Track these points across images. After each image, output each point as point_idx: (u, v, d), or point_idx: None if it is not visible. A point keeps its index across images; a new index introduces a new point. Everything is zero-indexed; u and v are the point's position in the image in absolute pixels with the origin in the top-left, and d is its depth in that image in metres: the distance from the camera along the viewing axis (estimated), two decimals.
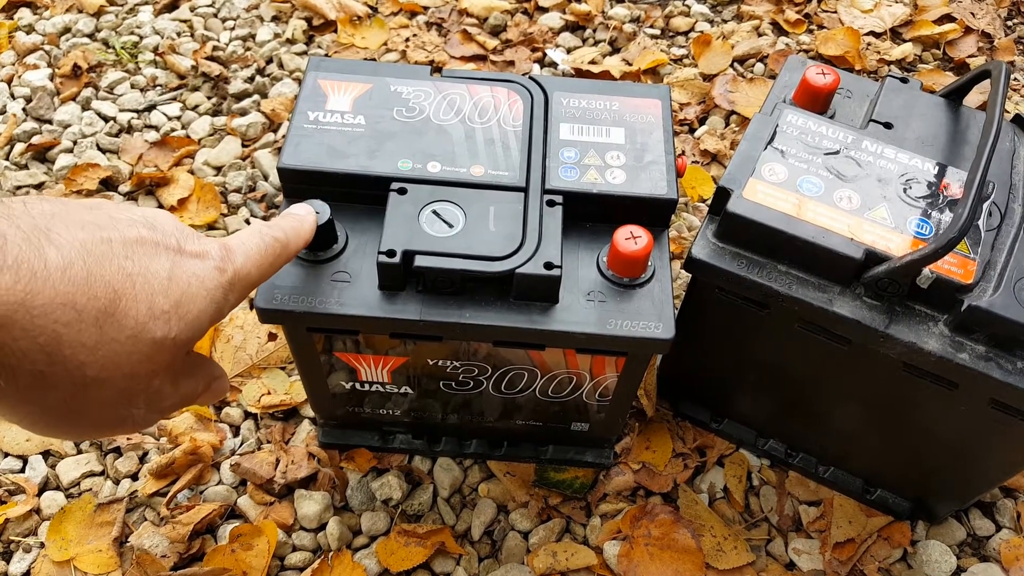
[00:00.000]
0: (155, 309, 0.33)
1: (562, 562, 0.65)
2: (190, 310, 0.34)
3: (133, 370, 0.33)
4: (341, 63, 0.58)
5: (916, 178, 0.54)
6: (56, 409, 0.32)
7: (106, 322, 0.31)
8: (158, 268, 0.33)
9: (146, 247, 0.34)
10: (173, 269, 0.34)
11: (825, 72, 0.58)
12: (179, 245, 0.35)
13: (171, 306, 0.33)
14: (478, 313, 0.49)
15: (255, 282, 0.39)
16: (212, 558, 0.64)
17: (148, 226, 0.35)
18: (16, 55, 1.00)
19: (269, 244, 0.40)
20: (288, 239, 0.42)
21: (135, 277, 0.32)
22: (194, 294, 0.35)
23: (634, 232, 0.50)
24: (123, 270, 0.32)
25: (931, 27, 1.07)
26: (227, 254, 0.37)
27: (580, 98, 0.57)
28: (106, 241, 0.32)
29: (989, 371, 0.48)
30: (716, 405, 0.71)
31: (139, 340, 0.32)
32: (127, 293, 0.32)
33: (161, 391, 0.36)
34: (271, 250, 0.41)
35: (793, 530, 0.68)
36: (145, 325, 0.32)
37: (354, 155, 0.52)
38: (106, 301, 0.31)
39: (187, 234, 0.36)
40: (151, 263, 0.33)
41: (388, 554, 0.64)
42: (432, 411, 0.63)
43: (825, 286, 0.51)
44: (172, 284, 0.34)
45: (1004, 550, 0.67)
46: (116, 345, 0.32)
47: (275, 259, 0.41)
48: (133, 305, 0.32)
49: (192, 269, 0.35)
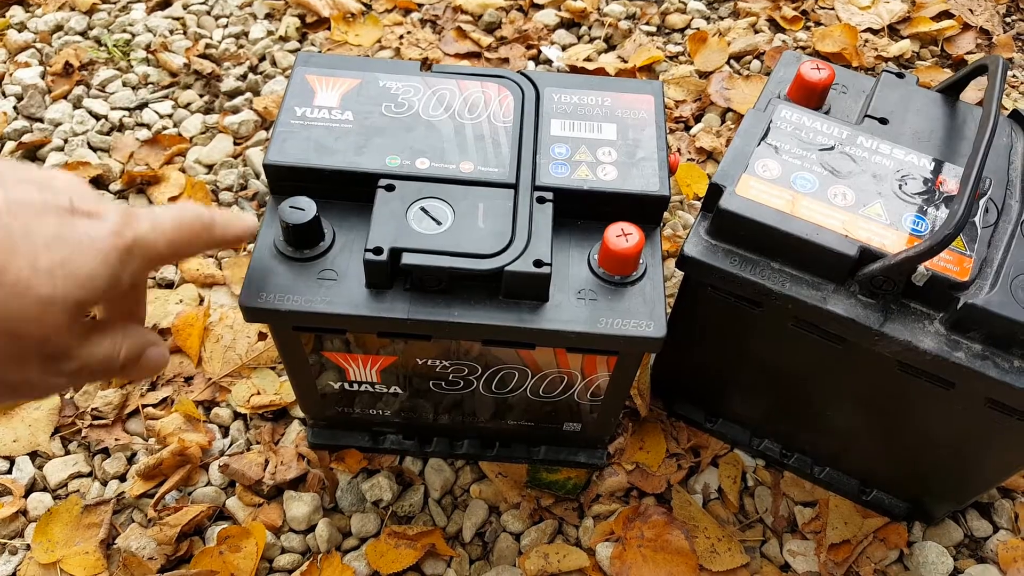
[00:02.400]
0: (38, 265, 0.32)
1: (554, 564, 0.64)
2: (80, 268, 0.33)
3: (17, 330, 0.32)
4: (329, 59, 0.57)
5: (912, 174, 0.53)
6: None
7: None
8: (44, 226, 0.33)
9: (34, 206, 0.33)
10: (61, 228, 0.33)
11: (820, 67, 0.58)
12: (72, 205, 0.34)
13: (56, 263, 0.32)
14: (467, 312, 0.48)
15: (163, 255, 0.38)
16: (200, 560, 0.63)
17: (39, 187, 0.34)
18: (7, 53, 1.00)
19: (187, 220, 0.39)
20: (214, 222, 0.41)
21: (15, 234, 0.32)
22: (83, 251, 0.33)
23: (625, 229, 0.49)
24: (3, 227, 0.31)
25: (929, 24, 1.06)
26: (128, 219, 0.36)
27: (571, 94, 0.56)
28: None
29: (985, 370, 0.47)
30: (710, 405, 0.70)
31: (23, 297, 0.32)
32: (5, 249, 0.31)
33: (60, 354, 0.34)
34: (188, 226, 0.39)
35: (788, 531, 0.68)
36: (27, 281, 0.32)
37: (341, 151, 0.51)
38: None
39: (83, 194, 0.35)
40: (36, 221, 0.33)
41: (378, 556, 0.63)
42: (423, 411, 0.62)
43: (819, 284, 0.51)
44: (58, 241, 0.33)
45: (1002, 551, 0.66)
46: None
47: (192, 237, 0.39)
48: (12, 261, 0.31)
49: (83, 228, 0.34)
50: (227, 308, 0.78)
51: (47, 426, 0.70)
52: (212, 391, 0.73)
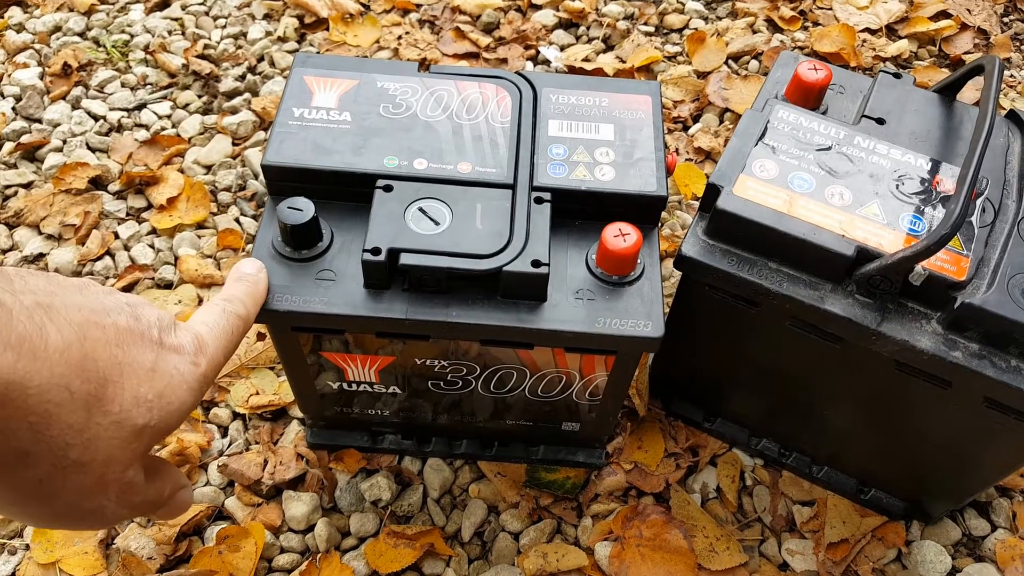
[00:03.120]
0: (139, 398, 0.34)
1: (553, 563, 0.64)
2: (172, 401, 0.36)
3: (111, 455, 0.34)
4: (327, 59, 0.57)
5: (909, 174, 0.53)
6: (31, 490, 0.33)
7: (94, 406, 0.32)
8: (143, 359, 0.35)
9: (133, 337, 0.35)
10: (157, 361, 0.36)
11: (817, 68, 0.58)
12: (160, 338, 0.37)
13: (154, 396, 0.35)
14: (465, 312, 0.48)
15: (222, 364, 0.41)
16: (199, 560, 0.63)
17: (134, 316, 0.36)
18: (6, 53, 1.00)
19: (234, 325, 0.42)
20: (249, 312, 0.44)
21: (123, 366, 0.34)
22: (175, 386, 0.36)
23: (623, 229, 0.49)
24: (113, 357, 0.33)
25: (927, 24, 1.06)
26: (200, 347, 0.39)
27: (569, 94, 0.57)
28: (100, 327, 0.34)
29: (982, 369, 0.48)
30: (709, 404, 0.70)
31: (122, 426, 0.34)
32: (115, 380, 0.33)
33: (133, 484, 0.36)
34: (236, 331, 0.42)
35: (786, 530, 0.68)
36: (129, 412, 0.34)
37: (339, 152, 0.51)
38: (97, 386, 0.32)
39: (166, 326, 0.38)
40: (138, 354, 0.35)
41: (377, 556, 0.64)
42: (421, 411, 0.62)
43: (816, 284, 0.51)
44: (155, 375, 0.35)
45: (1000, 550, 0.66)
46: (100, 429, 0.33)
47: (238, 336, 0.43)
48: (120, 392, 0.33)
49: (173, 362, 0.36)
50: None
51: None
52: (211, 391, 0.73)
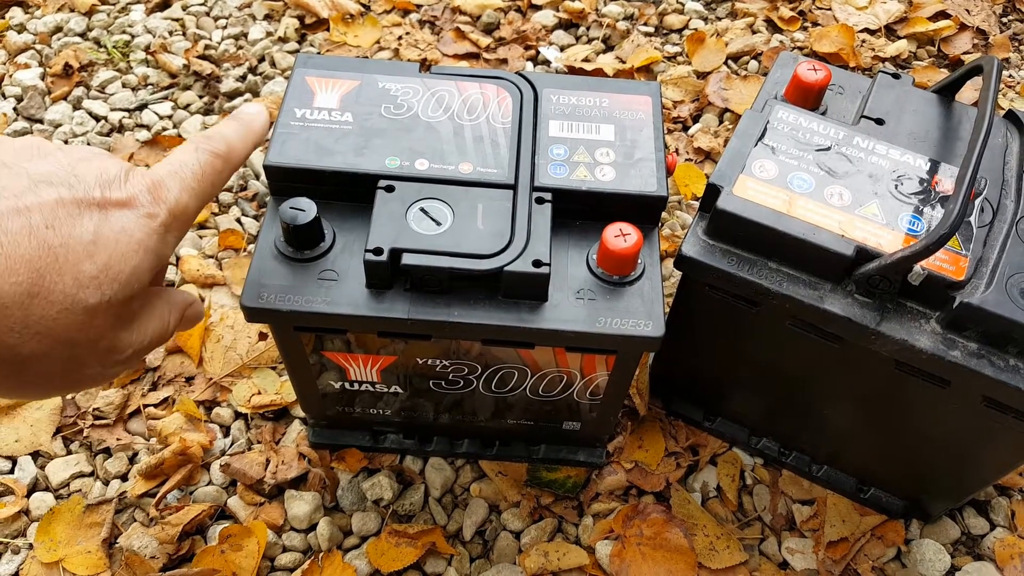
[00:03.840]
0: (82, 277, 0.32)
1: (554, 562, 0.64)
2: (122, 269, 0.33)
3: (71, 339, 0.32)
4: (329, 60, 0.58)
5: (908, 174, 0.53)
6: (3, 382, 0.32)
7: (31, 303, 0.30)
8: (81, 232, 0.32)
9: (67, 208, 0.32)
10: (98, 229, 0.32)
11: (816, 68, 0.58)
12: (103, 196, 0.33)
13: (99, 270, 0.32)
14: (466, 311, 0.49)
15: (196, 211, 0.37)
16: (201, 559, 0.63)
17: (67, 183, 0.33)
18: (7, 54, 1.00)
19: (206, 163, 0.38)
20: (231, 148, 0.39)
21: (57, 249, 0.31)
22: (123, 251, 0.33)
23: (623, 229, 0.49)
24: (44, 243, 0.31)
25: (926, 24, 1.06)
26: (157, 193, 0.35)
27: (570, 95, 0.57)
28: (23, 211, 0.31)
29: (981, 368, 0.48)
30: (709, 404, 0.71)
31: (71, 311, 0.32)
32: (50, 268, 0.31)
33: (114, 346, 0.35)
34: (209, 168, 0.38)
35: (786, 529, 0.68)
36: (75, 296, 0.31)
37: (341, 152, 0.52)
38: (28, 282, 0.30)
39: (111, 178, 0.34)
40: (73, 228, 0.32)
41: (379, 554, 0.64)
42: (423, 410, 0.63)
43: (816, 283, 0.51)
44: (98, 247, 0.32)
45: (999, 549, 0.67)
46: (47, 321, 0.31)
47: (216, 177, 0.38)
48: (58, 279, 0.31)
49: (119, 223, 0.33)
50: (227, 308, 0.78)
51: (49, 426, 0.70)
52: (213, 391, 0.73)
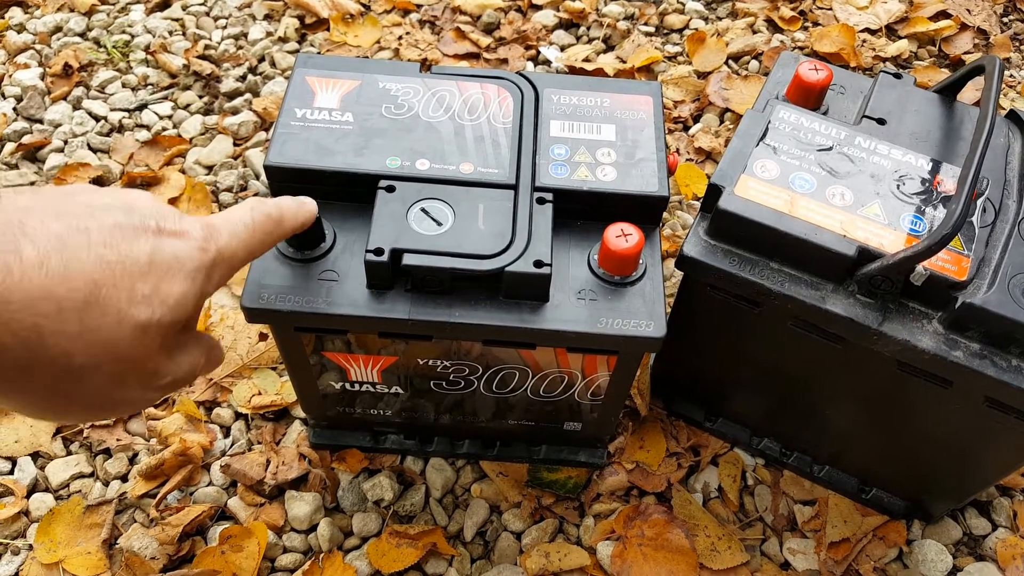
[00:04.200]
0: (135, 294, 0.33)
1: (555, 563, 0.64)
2: (171, 292, 0.34)
3: (120, 355, 0.33)
4: (329, 60, 0.57)
5: (909, 174, 0.53)
6: (46, 395, 0.33)
7: (87, 312, 0.32)
8: (137, 253, 0.33)
9: (124, 232, 0.34)
10: (153, 252, 0.34)
11: (818, 68, 0.58)
12: (158, 226, 0.35)
13: (151, 290, 0.34)
14: (467, 312, 0.49)
15: (242, 260, 0.39)
16: (202, 560, 0.63)
17: (125, 211, 0.34)
18: (7, 54, 1.00)
19: (259, 221, 0.40)
20: (282, 216, 0.42)
21: (114, 265, 0.33)
22: (174, 276, 0.35)
23: (625, 230, 0.49)
24: (101, 259, 0.32)
25: (926, 24, 1.06)
26: (210, 233, 0.37)
27: (571, 95, 0.57)
28: (83, 231, 0.32)
29: (983, 369, 0.48)
30: (710, 404, 0.71)
31: (122, 326, 0.33)
32: (106, 281, 0.32)
33: (156, 371, 0.36)
34: (260, 227, 0.40)
35: (788, 530, 0.68)
36: (127, 311, 0.33)
37: (342, 152, 0.52)
38: (86, 291, 0.31)
39: (166, 214, 0.36)
40: (130, 249, 0.33)
41: (379, 555, 0.64)
42: (424, 411, 0.63)
43: (818, 284, 0.51)
44: (152, 268, 0.34)
45: (1000, 549, 0.67)
46: (100, 333, 0.32)
47: (265, 236, 0.40)
48: (114, 293, 0.32)
49: (172, 250, 0.35)
50: (228, 309, 0.78)
51: (49, 427, 0.70)
52: (213, 391, 0.73)
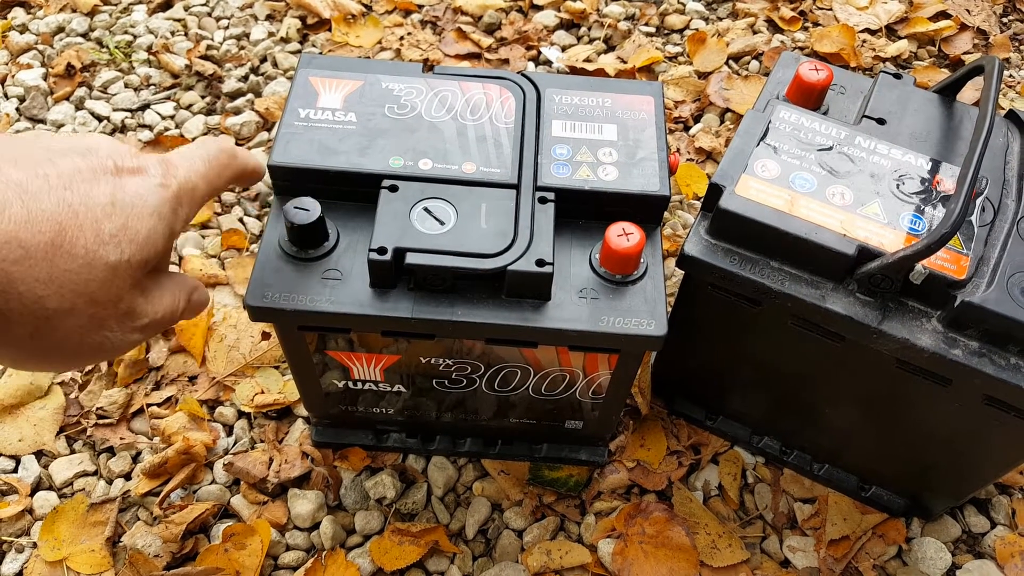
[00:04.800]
0: (102, 234, 0.34)
1: (556, 560, 0.65)
2: (139, 230, 0.35)
3: (94, 296, 0.34)
4: (332, 60, 0.58)
5: (909, 174, 0.54)
6: (27, 343, 0.34)
7: (55, 254, 0.32)
8: (98, 194, 0.34)
9: (83, 175, 0.34)
10: (115, 192, 0.34)
11: (818, 68, 0.58)
12: (116, 166, 0.35)
13: (118, 229, 0.34)
14: (470, 311, 0.49)
15: (204, 194, 0.39)
16: (205, 557, 0.63)
17: (82, 153, 0.35)
18: (9, 54, 1.00)
19: (214, 153, 0.40)
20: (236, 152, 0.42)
21: (76, 207, 0.33)
22: (139, 213, 0.35)
23: (626, 229, 0.49)
24: (63, 201, 0.33)
25: (926, 24, 1.07)
26: (167, 168, 0.37)
27: (572, 95, 0.57)
28: (42, 176, 0.33)
29: (982, 367, 0.48)
30: (710, 403, 0.71)
31: (93, 267, 0.33)
32: (71, 224, 0.33)
33: (132, 311, 0.36)
34: (217, 160, 0.40)
35: (788, 527, 0.68)
36: (96, 252, 0.33)
37: (345, 152, 0.52)
38: (51, 234, 0.32)
39: (123, 152, 0.36)
40: (91, 190, 0.34)
41: (382, 553, 0.64)
42: (426, 409, 0.63)
43: (818, 282, 0.51)
44: (115, 208, 0.34)
45: (999, 547, 0.67)
46: (71, 275, 0.33)
47: (223, 169, 0.41)
48: (79, 234, 0.33)
49: (133, 188, 0.35)
50: (230, 308, 0.78)
51: (52, 425, 0.70)
52: (216, 390, 0.73)
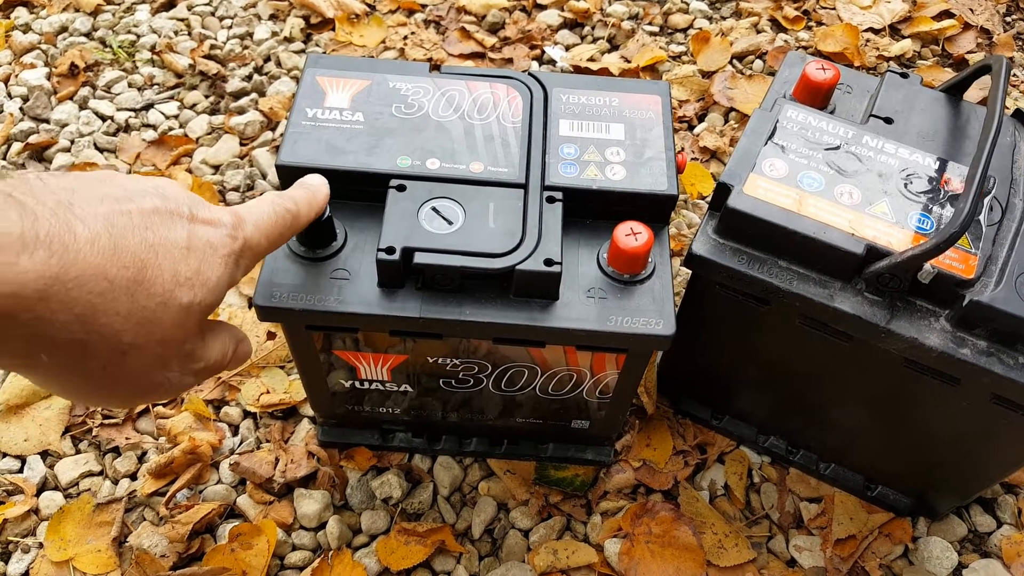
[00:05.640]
0: (179, 276, 0.35)
1: (563, 560, 0.65)
2: (210, 276, 0.36)
3: (165, 335, 0.35)
4: (339, 60, 0.58)
5: (917, 173, 0.54)
6: (97, 376, 0.34)
7: (136, 290, 0.33)
8: (176, 237, 0.35)
9: (162, 217, 0.35)
10: (190, 238, 0.36)
11: (825, 67, 0.58)
12: (192, 213, 0.36)
13: (192, 273, 0.35)
14: (478, 310, 0.49)
15: (264, 251, 0.41)
16: (211, 557, 0.63)
17: (160, 196, 0.36)
18: (13, 54, 1.00)
19: (280, 214, 0.42)
20: (299, 210, 0.43)
21: (156, 247, 0.34)
22: (211, 260, 0.36)
23: (634, 228, 0.49)
24: (145, 240, 0.34)
25: (930, 23, 1.06)
26: (238, 222, 0.39)
27: (580, 94, 0.57)
28: (126, 213, 0.34)
29: (991, 366, 0.48)
30: (717, 402, 0.71)
31: (168, 306, 0.34)
32: (151, 262, 0.34)
33: (192, 354, 0.38)
34: (281, 220, 0.42)
35: (794, 527, 0.68)
36: (172, 292, 0.34)
37: (353, 152, 0.52)
38: (134, 271, 0.33)
39: (197, 202, 0.37)
40: (169, 232, 0.35)
41: (388, 553, 0.64)
42: (432, 409, 0.63)
43: (826, 282, 0.51)
44: (191, 252, 0.35)
45: (1005, 546, 0.67)
46: (147, 312, 0.34)
47: (285, 229, 0.42)
48: (159, 274, 0.34)
49: (206, 236, 0.36)
50: (236, 308, 0.78)
51: (58, 425, 0.70)
52: (222, 390, 0.73)
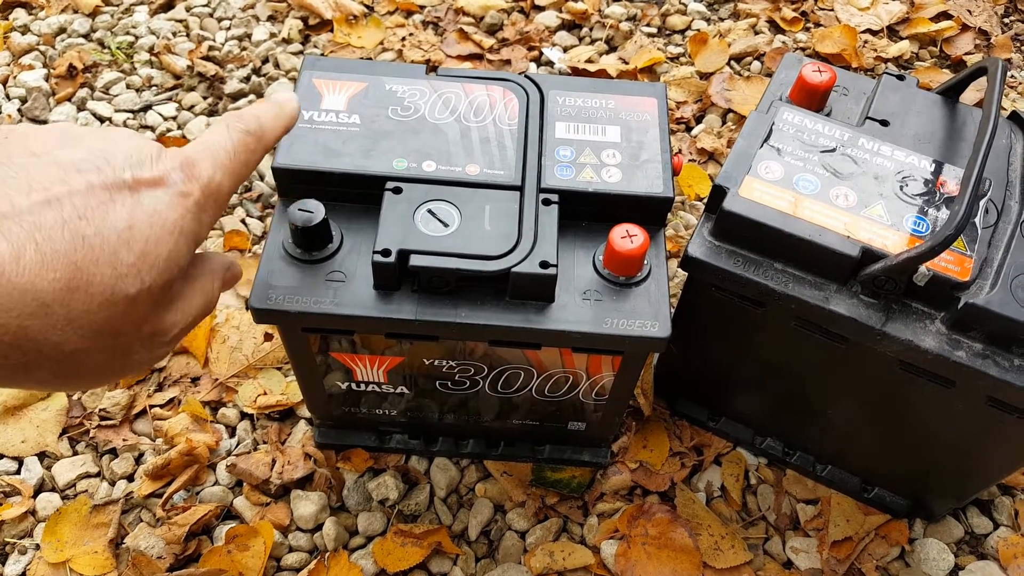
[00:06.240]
0: (120, 267, 0.31)
1: (559, 562, 0.65)
2: (159, 255, 0.32)
3: (115, 329, 0.32)
4: (336, 62, 0.58)
5: (913, 175, 0.54)
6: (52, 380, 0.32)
7: (71, 298, 0.30)
8: (114, 220, 0.31)
9: (98, 197, 0.31)
10: (132, 214, 0.32)
11: (821, 70, 0.58)
12: (133, 177, 0.32)
13: (136, 258, 0.31)
14: (474, 312, 0.49)
15: (230, 190, 0.36)
16: (208, 559, 0.63)
17: (96, 168, 0.32)
18: (11, 55, 1.00)
19: (239, 141, 0.37)
20: (263, 127, 0.38)
21: (92, 240, 0.30)
22: (158, 236, 0.32)
23: (630, 231, 0.49)
24: (77, 235, 0.30)
25: (928, 24, 1.07)
26: (189, 171, 0.34)
27: (576, 96, 0.57)
28: (54, 203, 0.30)
29: (986, 369, 0.48)
30: (713, 404, 0.71)
31: (113, 303, 0.31)
32: (87, 261, 0.30)
33: (156, 332, 0.34)
34: (242, 147, 0.37)
35: (791, 529, 0.68)
36: (114, 286, 0.31)
37: (349, 154, 0.52)
38: (67, 278, 0.29)
39: (142, 158, 0.33)
40: (106, 216, 0.31)
41: (385, 554, 0.64)
42: (429, 411, 0.63)
43: (821, 284, 0.51)
44: (133, 233, 0.31)
45: (1002, 548, 0.67)
46: (88, 316, 0.30)
47: (249, 155, 0.37)
48: (95, 271, 0.30)
49: (152, 206, 0.32)
50: (233, 309, 0.78)
51: (55, 427, 0.70)
52: (219, 391, 0.73)
